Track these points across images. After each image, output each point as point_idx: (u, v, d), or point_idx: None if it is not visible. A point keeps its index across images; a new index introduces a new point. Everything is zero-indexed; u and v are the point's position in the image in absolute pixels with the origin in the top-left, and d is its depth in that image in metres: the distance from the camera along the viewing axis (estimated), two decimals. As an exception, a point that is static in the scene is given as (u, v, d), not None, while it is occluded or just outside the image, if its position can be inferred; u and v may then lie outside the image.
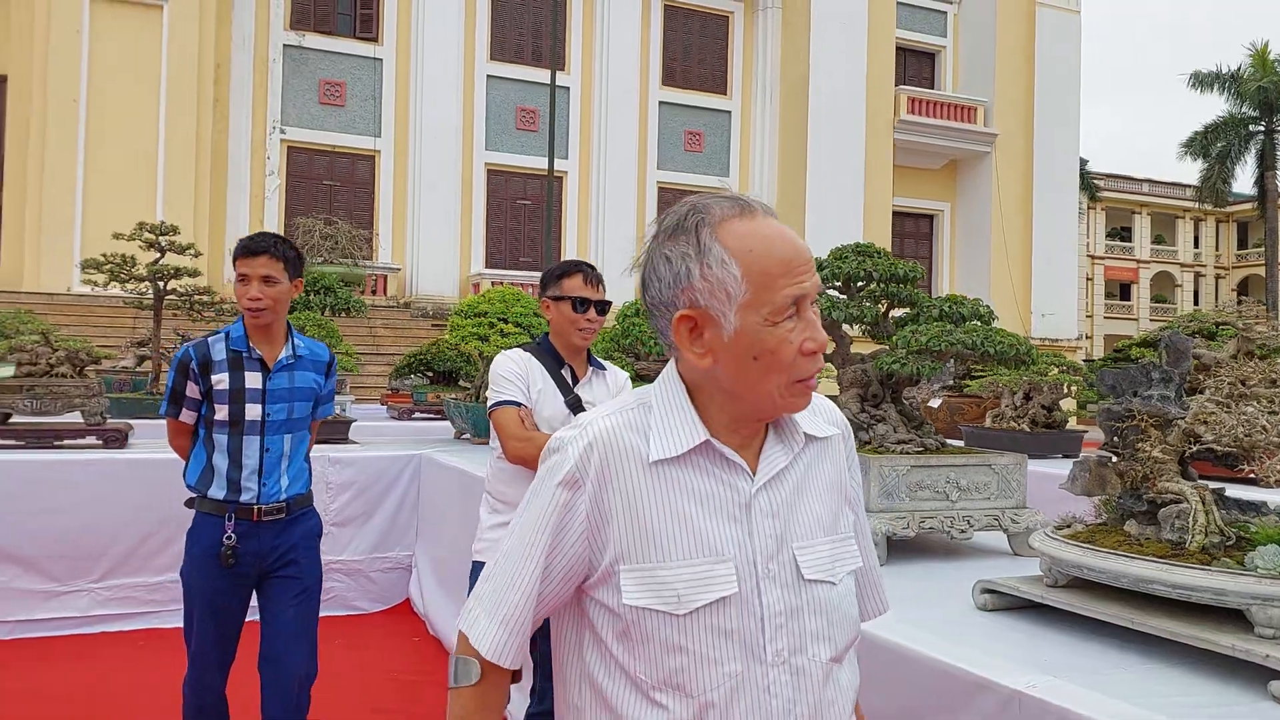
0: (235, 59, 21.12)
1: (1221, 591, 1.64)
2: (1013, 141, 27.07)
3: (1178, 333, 2.07)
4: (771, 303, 1.13)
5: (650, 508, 1.16)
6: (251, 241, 2.93)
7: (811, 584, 1.20)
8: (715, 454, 1.19)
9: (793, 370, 1.15)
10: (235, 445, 2.91)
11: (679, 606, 1.13)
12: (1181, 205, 46.40)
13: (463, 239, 22.95)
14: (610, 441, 1.18)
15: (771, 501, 1.20)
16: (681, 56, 25.58)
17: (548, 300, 2.98)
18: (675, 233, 1.18)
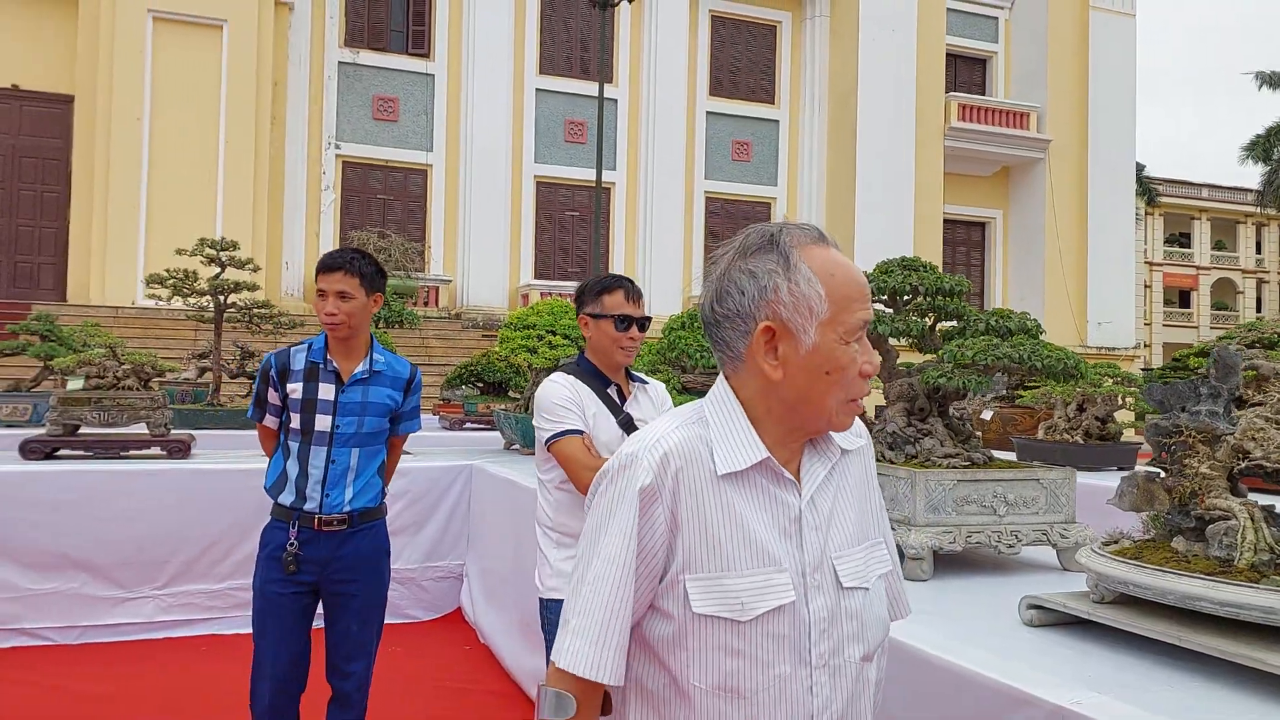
0: (292, 76, 21.61)
1: (1271, 610, 1.64)
2: (1067, 147, 26.64)
3: (1227, 347, 2.06)
4: (847, 323, 1.24)
5: (717, 519, 1.24)
6: (329, 257, 3.01)
7: (848, 591, 1.29)
8: (771, 470, 1.27)
9: (851, 389, 1.25)
10: (304, 453, 2.98)
11: (743, 614, 1.21)
12: (1243, 210, 45.22)
13: (512, 250, 23.20)
14: (685, 454, 1.25)
15: (816, 515, 1.30)
16: (729, 66, 25.62)
17: (586, 317, 2.88)
18: (760, 251, 1.27)
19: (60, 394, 5.76)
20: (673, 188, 24.24)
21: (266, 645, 3.00)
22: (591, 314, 2.85)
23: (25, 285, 19.65)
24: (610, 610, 1.23)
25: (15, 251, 19.86)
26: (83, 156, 19.38)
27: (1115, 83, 27.13)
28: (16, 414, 8.20)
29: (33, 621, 4.98)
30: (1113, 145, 26.96)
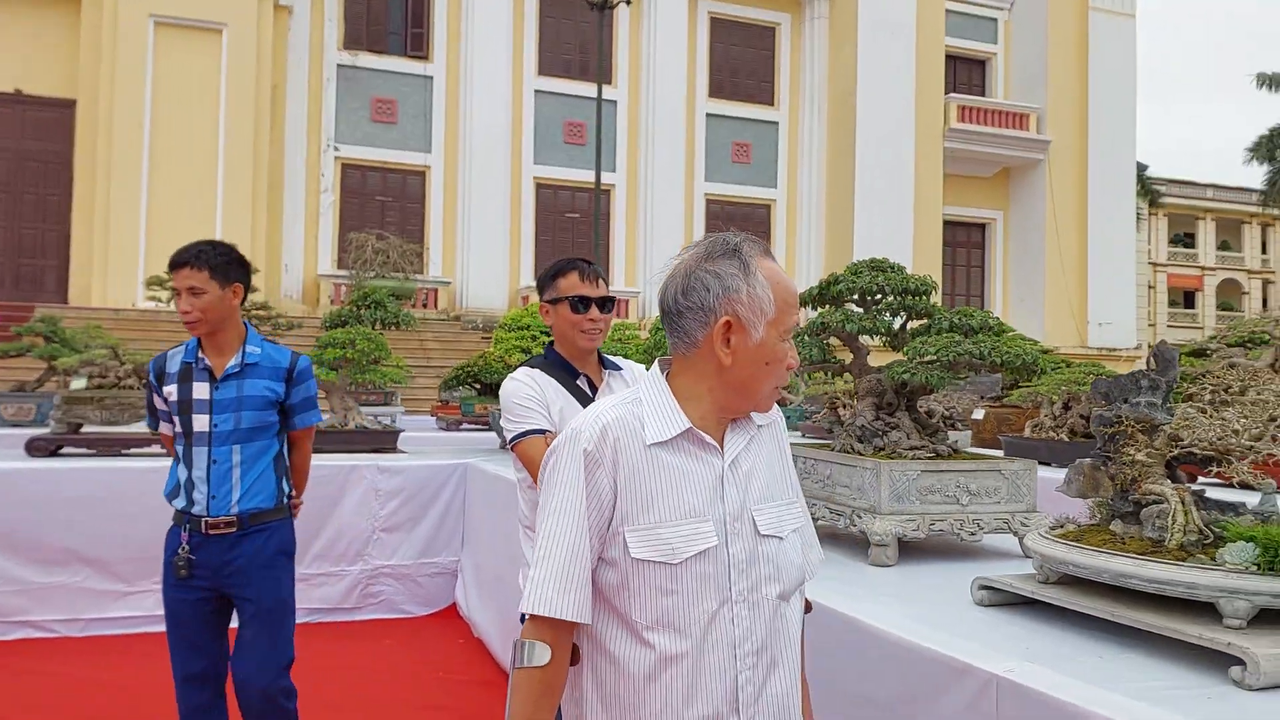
0: (291, 79, 21.78)
1: (1193, 585, 1.75)
2: (1067, 148, 26.75)
3: (1165, 343, 2.17)
4: (785, 324, 1.49)
5: (649, 480, 1.46)
6: (176, 254, 2.88)
7: (764, 538, 1.51)
8: (695, 438, 1.50)
9: (779, 378, 1.51)
10: (189, 456, 2.89)
11: (674, 557, 1.43)
12: (1248, 210, 45.24)
13: (511, 252, 23.34)
14: (621, 426, 1.48)
15: (735, 475, 1.52)
16: (728, 68, 25.75)
17: (546, 305, 2.75)
18: (723, 256, 1.49)
19: (64, 394, 5.90)
20: (673, 189, 24.37)
21: (175, 653, 2.95)
22: (549, 300, 2.73)
23: (29, 288, 19.82)
24: (569, 555, 1.44)
25: (19, 255, 20.03)
26: (84, 160, 19.56)
27: (1115, 83, 27.22)
28: (22, 413, 8.34)
29: (39, 614, 5.10)
30: (1113, 146, 27.06)
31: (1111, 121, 27.07)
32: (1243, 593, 1.70)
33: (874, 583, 2.55)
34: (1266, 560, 1.70)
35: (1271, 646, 1.62)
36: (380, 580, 5.80)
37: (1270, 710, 1.53)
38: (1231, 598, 1.71)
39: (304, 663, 3.20)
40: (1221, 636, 1.66)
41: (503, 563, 5.01)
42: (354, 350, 6.26)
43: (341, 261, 21.43)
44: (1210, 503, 1.98)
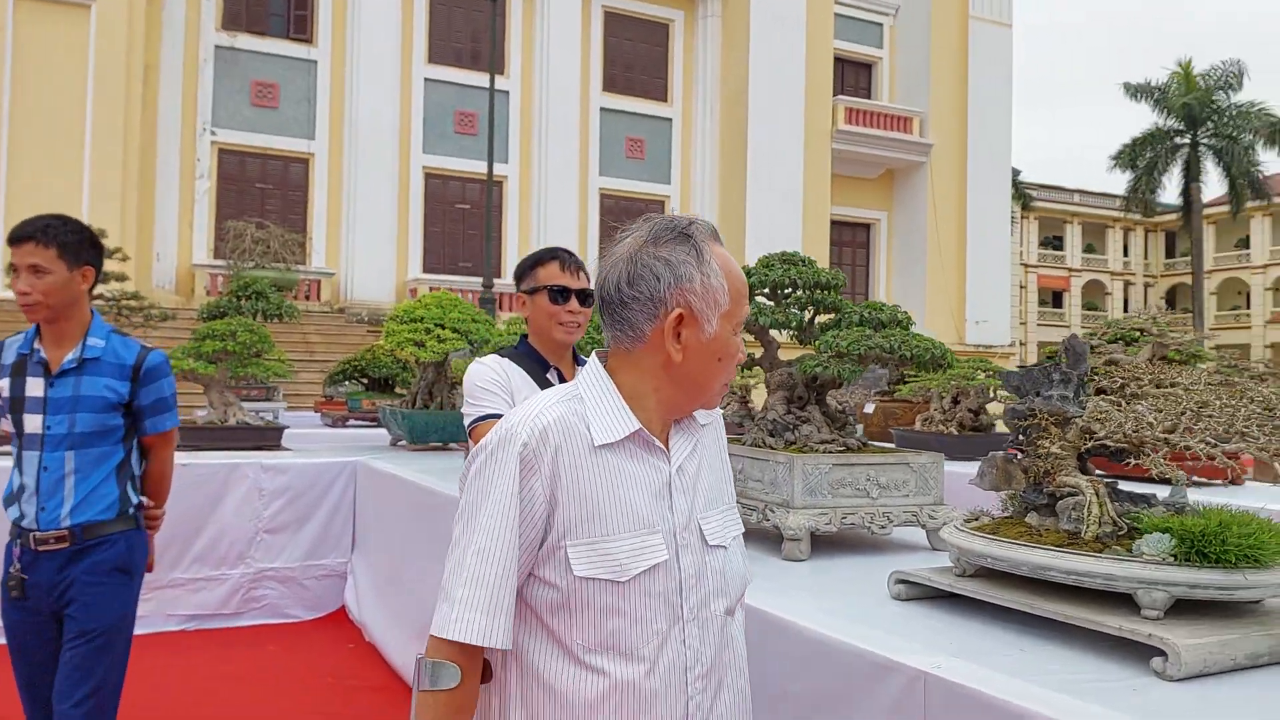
0: (165, 59, 20.68)
1: (1111, 577, 1.75)
2: (947, 152, 27.70)
3: (1077, 337, 2.19)
4: (738, 316, 1.38)
5: (594, 488, 1.32)
6: (18, 226, 2.53)
7: (713, 549, 1.41)
8: (644, 440, 1.37)
9: (730, 374, 1.40)
10: (20, 460, 2.57)
11: (622, 574, 1.30)
12: (1111, 215, 47.81)
13: (399, 243, 22.75)
14: (562, 428, 1.33)
15: (683, 480, 1.40)
16: (622, 62, 25.71)
17: (523, 295, 2.65)
18: (673, 242, 1.36)
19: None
20: (566, 183, 24.20)
21: (19, 679, 2.63)
22: (527, 290, 2.62)
23: None
24: (499, 578, 1.29)
25: None
26: (-65, 138, 18.17)
27: (993, 90, 28.32)
28: None
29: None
30: (990, 151, 28.15)
31: (989, 127, 28.16)
32: (1160, 584, 1.71)
33: (788, 578, 2.52)
34: (1183, 551, 1.72)
35: (1190, 636, 1.63)
36: (264, 584, 5.53)
37: (1192, 699, 1.54)
38: (1149, 589, 1.72)
39: (181, 672, 3.00)
40: (1142, 628, 1.67)
41: (398, 564, 4.83)
42: (235, 342, 5.94)
43: (218, 251, 20.48)
44: (1122, 495, 2.00)
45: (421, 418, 6.03)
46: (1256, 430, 1.70)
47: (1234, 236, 46.01)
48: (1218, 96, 33.15)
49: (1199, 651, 1.61)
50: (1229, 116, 32.92)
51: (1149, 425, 1.84)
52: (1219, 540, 1.70)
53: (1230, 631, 1.68)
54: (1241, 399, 1.78)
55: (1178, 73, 33.79)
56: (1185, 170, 34.28)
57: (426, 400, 6.18)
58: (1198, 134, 33.76)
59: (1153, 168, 34.43)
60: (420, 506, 4.49)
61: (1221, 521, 1.73)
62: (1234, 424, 1.72)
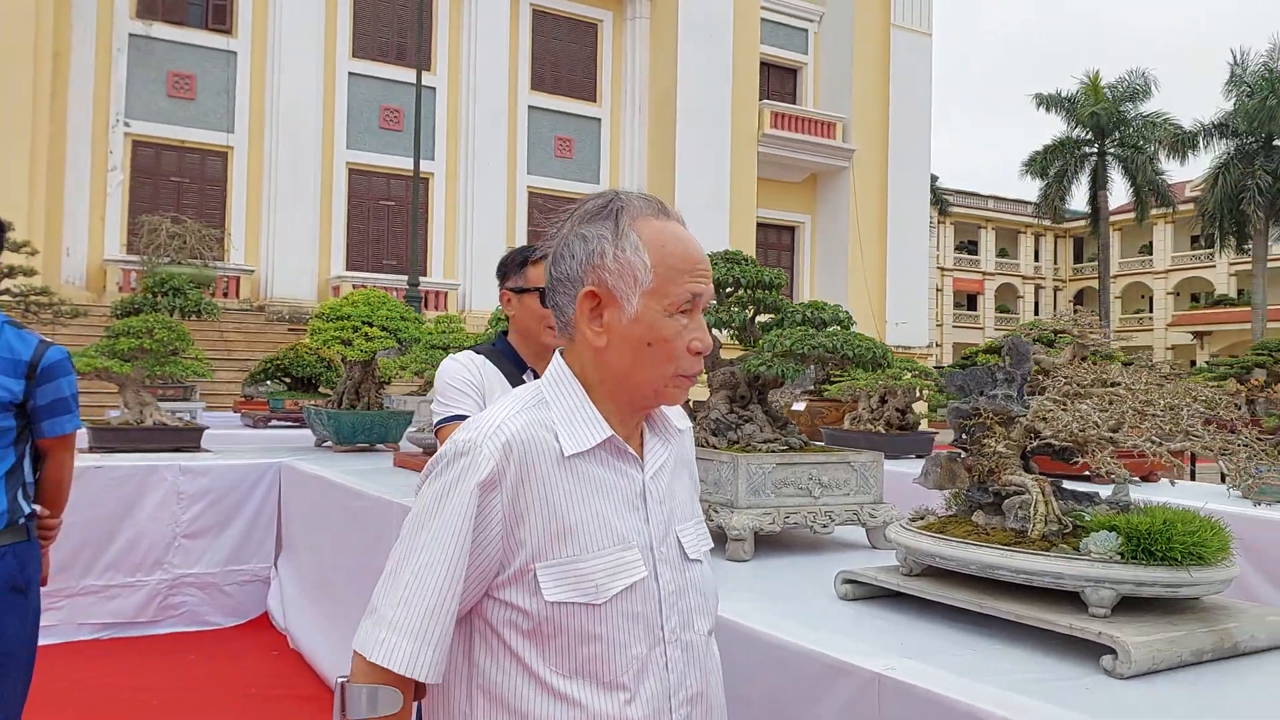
0: (76, 47, 19.87)
1: (1059, 575, 1.77)
2: (869, 157, 28.23)
3: (1020, 337, 2.21)
4: (671, 294, 1.22)
5: (565, 503, 1.21)
6: None
7: (692, 563, 1.32)
8: (616, 448, 1.27)
9: (679, 364, 1.24)
10: None
11: (598, 596, 1.19)
12: (1023, 221, 49.37)
13: (322, 240, 22.25)
14: (527, 440, 1.21)
15: (659, 489, 1.30)
16: (550, 61, 25.58)
17: (509, 293, 2.52)
18: (595, 217, 1.26)
19: None
20: (494, 181, 23.97)
21: None
22: (514, 289, 2.50)
23: None
24: (435, 605, 1.17)
25: None
26: None
27: (913, 97, 28.97)
28: None
29: None
30: (910, 157, 28.80)
31: (909, 133, 28.79)
32: (1108, 581, 1.73)
33: (733, 579, 2.50)
34: (1130, 549, 1.74)
35: (1138, 634, 1.65)
36: (183, 590, 5.33)
37: (1143, 697, 1.55)
38: (1097, 586, 1.73)
39: (93, 684, 2.85)
40: (1092, 626, 1.69)
41: (325, 568, 4.70)
42: (152, 340, 5.70)
43: (132, 246, 19.75)
44: (1066, 493, 2.02)
45: (349, 418, 5.88)
46: (1201, 429, 1.73)
47: (1138, 243, 47.90)
48: (1125, 107, 34.44)
49: (1148, 649, 1.63)
50: (1135, 127, 34.24)
51: (1095, 424, 1.87)
52: (1164, 538, 1.72)
53: (1176, 629, 1.70)
54: (1184, 398, 1.82)
55: (1086, 84, 35.01)
56: (1093, 178, 35.56)
57: (354, 400, 6.03)
58: (1105, 143, 35.04)
59: (1062, 176, 35.62)
60: (348, 509, 4.37)
61: (1166, 520, 1.75)
62: (1179, 423, 1.75)
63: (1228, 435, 1.72)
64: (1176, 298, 46.65)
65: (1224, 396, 1.80)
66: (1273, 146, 30.40)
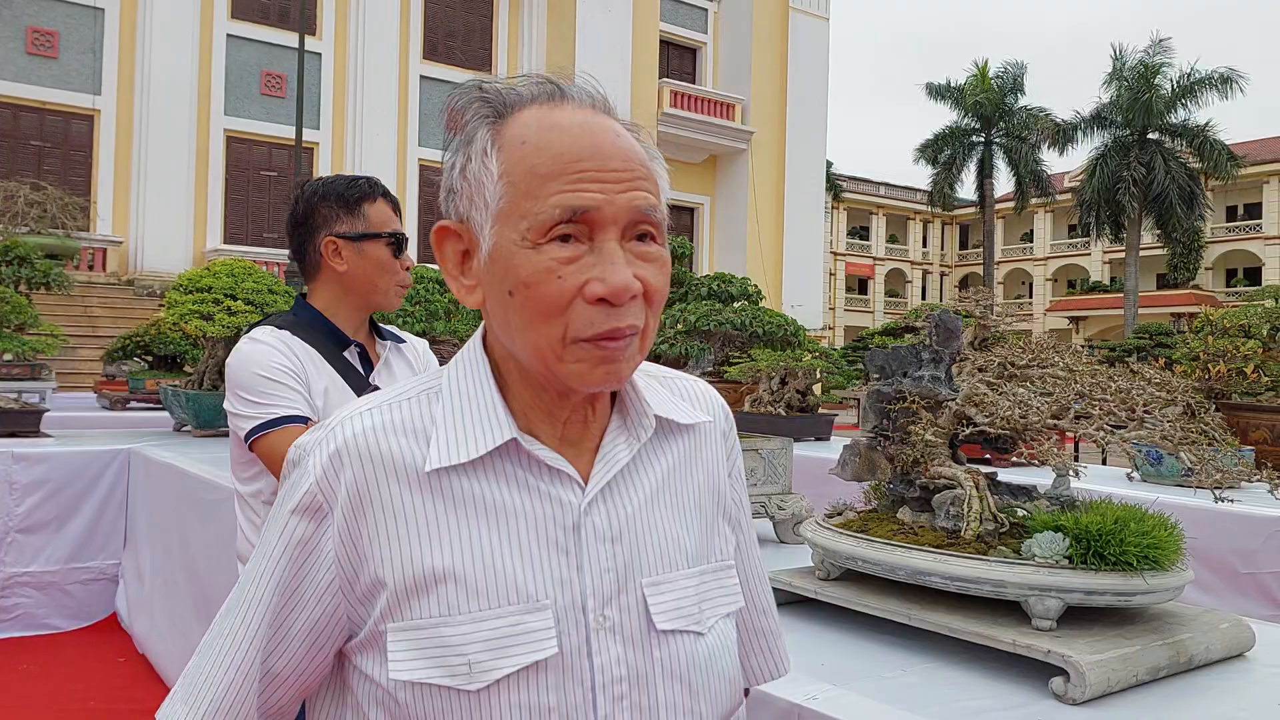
0: (-82, -6, 18.23)
1: (1001, 583, 1.54)
2: (768, 140, 28.31)
3: (948, 312, 1.98)
4: (530, 213, 0.79)
5: (428, 539, 0.82)
6: None
7: (668, 636, 0.87)
8: (526, 456, 0.86)
9: (571, 321, 0.79)
10: None
11: (471, 680, 0.80)
12: (913, 208, 50.60)
13: (197, 211, 21.03)
14: (368, 447, 0.84)
15: (612, 519, 0.87)
16: (444, 30, 24.75)
17: (335, 240, 1.91)
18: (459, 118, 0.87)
19: None
20: (384, 153, 23.07)
21: None
22: (344, 235, 1.91)
23: None
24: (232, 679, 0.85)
25: None
26: None
27: (810, 82, 29.16)
28: None
29: None
30: (808, 141, 29.01)
31: (806, 117, 28.99)
32: (1055, 590, 1.50)
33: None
34: (1078, 552, 1.52)
35: (1091, 652, 1.43)
36: (17, 591, 4.79)
37: (1102, 728, 1.33)
38: (1043, 596, 1.51)
39: None
40: (1039, 643, 1.46)
41: (176, 566, 4.23)
42: (-19, 312, 5.08)
43: (-16, 213, 18.28)
44: (1001, 486, 1.80)
45: (209, 400, 5.37)
46: (1159, 416, 1.51)
47: (1020, 230, 49.67)
48: (1010, 99, 35.50)
49: (1102, 670, 1.41)
50: (1019, 118, 35.33)
51: (1037, 411, 1.64)
52: (1118, 540, 1.51)
53: (1129, 643, 1.49)
54: (1135, 381, 1.61)
55: (975, 75, 35.95)
56: (980, 167, 36.60)
57: (215, 380, 5.52)
58: (991, 133, 36.07)
59: (951, 164, 36.57)
60: (202, 502, 3.93)
61: (1118, 519, 1.54)
62: (1134, 409, 1.53)
63: (1188, 424, 1.51)
64: (1054, 284, 48.57)
65: (1181, 380, 1.59)
66: (1147, 140, 31.76)
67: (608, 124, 0.85)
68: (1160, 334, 20.46)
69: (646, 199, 0.82)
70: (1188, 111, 31.44)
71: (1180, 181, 31.18)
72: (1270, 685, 1.53)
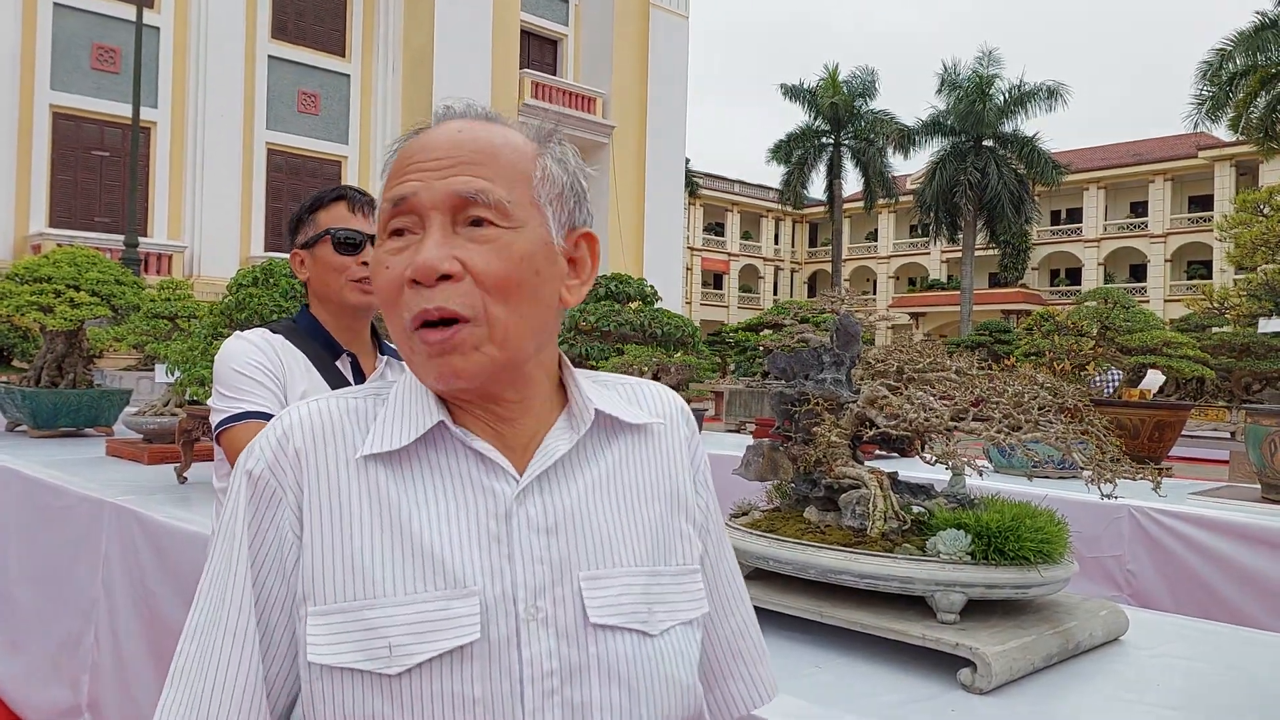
0: None
1: (909, 580, 1.60)
2: (628, 135, 28.51)
3: (849, 316, 2.05)
4: (380, 213, 0.88)
5: (358, 522, 0.82)
6: None
7: (604, 632, 0.85)
8: (459, 444, 0.87)
9: (401, 308, 0.83)
10: None
11: (390, 664, 0.78)
12: (766, 206, 52.00)
13: (20, 193, 19.48)
14: (317, 428, 0.86)
15: (548, 511, 0.87)
16: (294, 8, 23.76)
17: (300, 252, 1.99)
18: None
19: None
20: (228, 135, 21.97)
21: None
22: (305, 244, 1.96)
23: None
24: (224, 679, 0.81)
25: None
26: None
27: (670, 78, 29.54)
28: None
29: None
30: (667, 136, 29.39)
31: (666, 114, 29.36)
32: (959, 585, 1.58)
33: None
34: (980, 548, 1.61)
35: (994, 643, 1.51)
36: None
37: (1007, 710, 1.41)
38: (948, 591, 1.58)
39: None
40: (947, 636, 1.53)
41: (27, 583, 3.90)
42: None
43: None
44: (902, 485, 1.88)
45: (49, 398, 4.99)
46: (1051, 419, 1.61)
47: (865, 229, 51.83)
48: (859, 102, 36.97)
49: (1005, 660, 1.49)
50: (866, 121, 36.85)
51: (938, 414, 1.72)
52: (1015, 536, 1.60)
53: (1026, 633, 1.58)
54: (1028, 385, 1.70)
55: (826, 78, 37.25)
56: (829, 168, 37.98)
57: (55, 377, 5.13)
58: (841, 135, 37.48)
59: (803, 163, 37.82)
60: (45, 509, 3.64)
61: (1015, 516, 1.63)
62: (1030, 412, 1.63)
63: (1077, 426, 1.62)
64: (896, 281, 50.94)
65: (1067, 385, 1.70)
66: (982, 147, 33.70)
67: (462, 124, 0.88)
68: (999, 330, 21.78)
69: (469, 183, 0.84)
70: (1017, 122, 33.57)
71: (1011, 187, 33.27)
72: (1145, 667, 1.65)
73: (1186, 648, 1.79)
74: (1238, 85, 22.36)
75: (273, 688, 0.84)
